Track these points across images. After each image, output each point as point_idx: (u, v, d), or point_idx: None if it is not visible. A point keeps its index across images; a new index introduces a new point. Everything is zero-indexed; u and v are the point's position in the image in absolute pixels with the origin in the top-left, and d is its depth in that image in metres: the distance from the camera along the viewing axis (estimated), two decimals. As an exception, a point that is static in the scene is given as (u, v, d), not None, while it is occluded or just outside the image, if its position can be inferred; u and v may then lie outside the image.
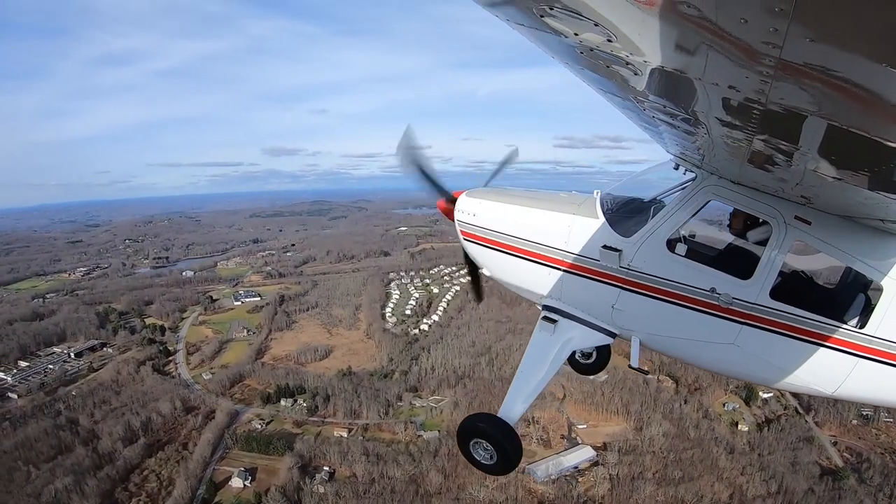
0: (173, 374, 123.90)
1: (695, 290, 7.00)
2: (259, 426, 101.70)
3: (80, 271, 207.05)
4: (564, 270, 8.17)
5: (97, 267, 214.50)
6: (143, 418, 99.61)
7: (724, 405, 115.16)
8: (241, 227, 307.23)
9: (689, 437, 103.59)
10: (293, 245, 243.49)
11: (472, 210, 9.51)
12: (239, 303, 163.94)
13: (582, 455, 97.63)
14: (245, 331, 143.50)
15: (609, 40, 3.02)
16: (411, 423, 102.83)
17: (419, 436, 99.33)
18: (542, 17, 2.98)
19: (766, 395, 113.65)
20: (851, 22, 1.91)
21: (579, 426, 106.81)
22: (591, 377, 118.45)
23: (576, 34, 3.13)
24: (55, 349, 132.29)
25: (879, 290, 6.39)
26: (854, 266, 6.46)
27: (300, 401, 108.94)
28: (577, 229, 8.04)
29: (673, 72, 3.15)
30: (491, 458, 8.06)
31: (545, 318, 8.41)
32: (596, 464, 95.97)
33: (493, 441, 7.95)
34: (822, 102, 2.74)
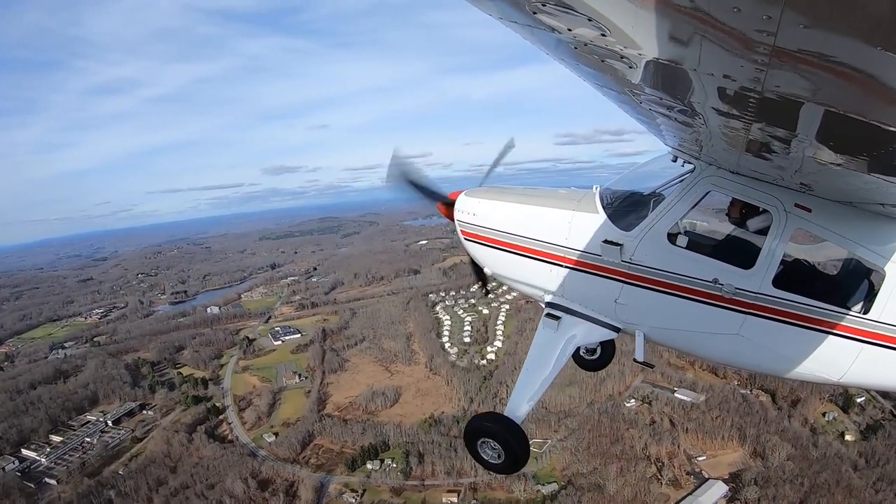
0: (230, 437, 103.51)
1: (697, 282, 6.54)
2: (353, 500, 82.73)
3: (97, 313, 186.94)
4: (566, 267, 7.62)
5: (113, 307, 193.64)
6: (214, 503, 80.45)
7: (823, 415, 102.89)
8: (254, 251, 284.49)
9: (811, 457, 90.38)
10: (315, 269, 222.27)
11: (471, 210, 8.86)
12: (279, 342, 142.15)
13: (716, 492, 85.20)
14: (296, 376, 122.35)
15: (603, 34, 2.87)
16: (522, 475, 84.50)
17: (538, 490, 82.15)
18: (535, 13, 2.82)
19: (860, 400, 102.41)
20: (844, 6, 1.83)
21: (699, 458, 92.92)
22: (689, 399, 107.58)
23: (569, 29, 2.97)
24: (89, 416, 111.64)
25: (882, 275, 6.01)
26: (856, 252, 6.13)
27: (388, 461, 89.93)
28: (577, 225, 7.50)
29: (668, 63, 3.00)
30: (499, 457, 7.45)
31: (548, 315, 7.80)
32: (732, 500, 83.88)
33: (501, 440, 7.30)
34: (819, 88, 2.63)
